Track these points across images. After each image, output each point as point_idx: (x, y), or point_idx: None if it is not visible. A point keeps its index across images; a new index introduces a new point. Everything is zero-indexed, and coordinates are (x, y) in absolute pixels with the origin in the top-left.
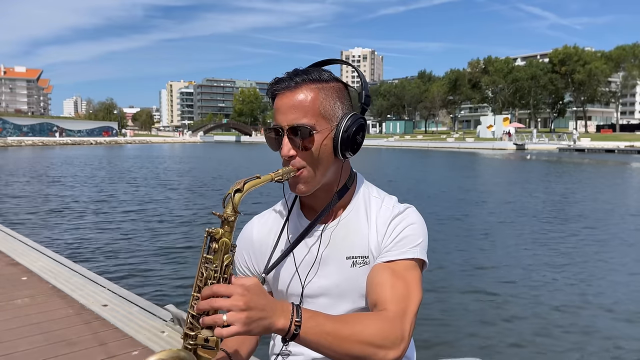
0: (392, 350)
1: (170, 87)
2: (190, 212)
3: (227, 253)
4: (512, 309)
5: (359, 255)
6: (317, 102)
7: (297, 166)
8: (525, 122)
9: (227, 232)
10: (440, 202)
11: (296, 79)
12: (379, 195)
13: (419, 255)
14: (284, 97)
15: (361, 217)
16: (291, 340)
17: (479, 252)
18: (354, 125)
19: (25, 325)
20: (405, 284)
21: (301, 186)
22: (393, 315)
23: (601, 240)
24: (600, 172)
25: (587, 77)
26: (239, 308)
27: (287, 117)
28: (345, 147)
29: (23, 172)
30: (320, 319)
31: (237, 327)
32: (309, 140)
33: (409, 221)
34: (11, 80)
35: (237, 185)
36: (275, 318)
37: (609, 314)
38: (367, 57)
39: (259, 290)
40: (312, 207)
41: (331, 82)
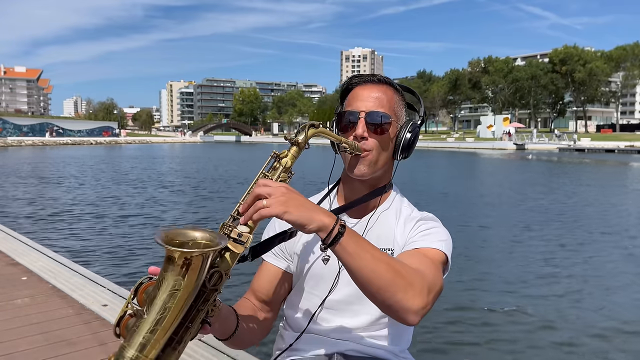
0: (419, 296)
1: (170, 87)
2: (190, 212)
3: (285, 172)
4: (507, 314)
5: (385, 247)
6: (393, 100)
7: (366, 147)
8: (525, 122)
9: (292, 155)
10: (448, 204)
11: (378, 77)
12: (409, 206)
13: (445, 250)
14: (366, 87)
15: (391, 217)
16: (332, 243)
17: (475, 254)
18: (414, 132)
19: (25, 325)
20: (433, 265)
21: (362, 167)
22: (423, 272)
23: (610, 247)
24: (604, 172)
25: (587, 77)
26: (282, 192)
27: (366, 104)
28: (404, 149)
29: (23, 172)
30: (360, 237)
31: (278, 208)
32: (384, 127)
33: (435, 225)
34: (11, 80)
35: (314, 122)
36: (319, 214)
37: (609, 319)
38: (367, 57)
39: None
40: (349, 199)
41: (401, 94)
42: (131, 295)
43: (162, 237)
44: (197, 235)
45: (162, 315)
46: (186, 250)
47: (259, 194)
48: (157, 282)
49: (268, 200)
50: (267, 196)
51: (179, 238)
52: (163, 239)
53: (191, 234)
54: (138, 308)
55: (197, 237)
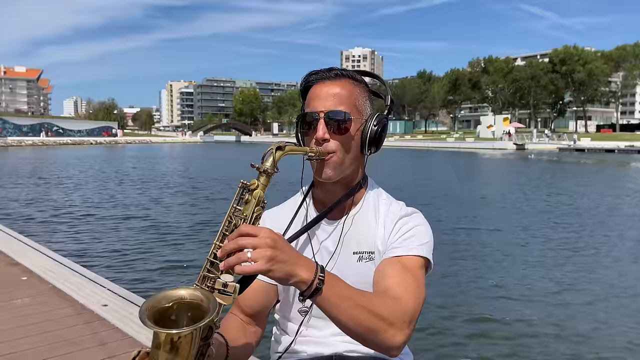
0: (400, 332)
1: (170, 87)
2: (190, 212)
3: (259, 206)
4: (507, 312)
5: (366, 250)
6: (353, 95)
7: (329, 150)
8: (525, 122)
9: (263, 185)
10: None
11: (335, 72)
12: (387, 199)
13: (426, 254)
14: (323, 85)
15: (370, 216)
16: (312, 296)
17: (477, 254)
18: (381, 124)
19: (25, 325)
20: (414, 278)
21: (328, 171)
22: (405, 302)
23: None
24: (607, 173)
25: (587, 77)
26: (267, 245)
27: (324, 104)
28: (372, 143)
29: (23, 172)
30: (341, 282)
31: (260, 264)
32: (345, 126)
33: (416, 223)
34: (11, 80)
35: (279, 144)
36: (300, 268)
37: (611, 316)
38: (367, 57)
39: (284, 240)
40: (324, 203)
41: (363, 84)
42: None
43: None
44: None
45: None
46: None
47: (243, 245)
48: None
49: (253, 253)
50: (252, 248)
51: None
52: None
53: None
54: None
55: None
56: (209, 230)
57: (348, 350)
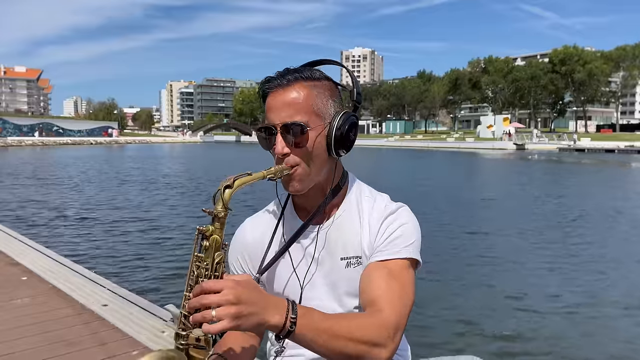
0: (384, 349)
1: (170, 87)
2: (191, 212)
3: (219, 250)
4: (511, 306)
5: (353, 255)
6: (309, 99)
7: (291, 164)
8: (525, 122)
9: (218, 229)
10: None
11: (288, 77)
12: (370, 195)
13: (413, 255)
14: (277, 95)
15: (354, 217)
16: (285, 337)
17: (477, 248)
18: (346, 123)
19: (25, 325)
20: (400, 285)
21: (295, 184)
22: (388, 317)
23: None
24: (608, 173)
25: (587, 77)
26: (229, 302)
27: (279, 115)
28: (339, 145)
29: (23, 172)
30: (315, 316)
31: (226, 323)
32: (303, 137)
33: (402, 221)
34: (11, 80)
35: (227, 181)
36: (269, 314)
37: (613, 314)
38: (367, 57)
39: (251, 285)
40: (304, 208)
41: (323, 81)
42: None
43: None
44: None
45: None
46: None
47: (206, 304)
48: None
49: (218, 312)
50: (216, 305)
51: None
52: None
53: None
54: None
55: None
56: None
57: None
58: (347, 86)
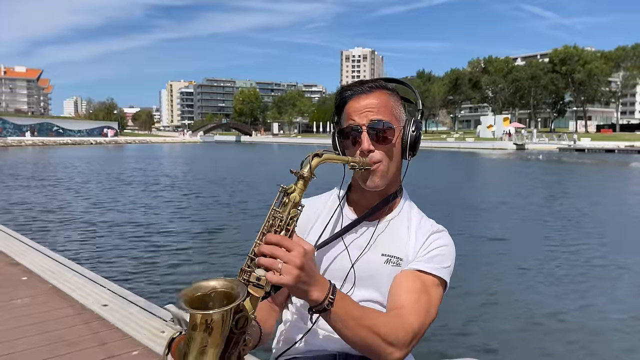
0: (398, 351)
1: (170, 87)
2: (191, 212)
3: (295, 208)
4: (509, 309)
5: (395, 255)
6: (389, 104)
7: (374, 160)
8: (525, 122)
9: (299, 189)
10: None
11: (368, 84)
12: (419, 213)
13: (446, 277)
14: (359, 99)
15: (403, 224)
16: (320, 313)
17: (477, 250)
18: (418, 128)
19: (25, 325)
20: (429, 299)
21: (376, 179)
22: (411, 323)
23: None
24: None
25: (587, 77)
26: (296, 265)
27: (365, 117)
28: (411, 147)
29: (23, 172)
30: (349, 303)
31: (286, 279)
32: (387, 135)
33: (445, 242)
34: (11, 80)
35: (317, 152)
36: (314, 289)
37: (612, 317)
38: (367, 57)
39: (313, 256)
40: (358, 204)
41: (395, 92)
42: (165, 352)
43: (184, 299)
44: (216, 285)
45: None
46: (207, 313)
47: (277, 255)
48: (186, 339)
49: (283, 267)
50: (284, 261)
51: (199, 291)
52: (185, 300)
53: (210, 284)
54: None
55: (217, 285)
56: (210, 230)
57: (352, 349)
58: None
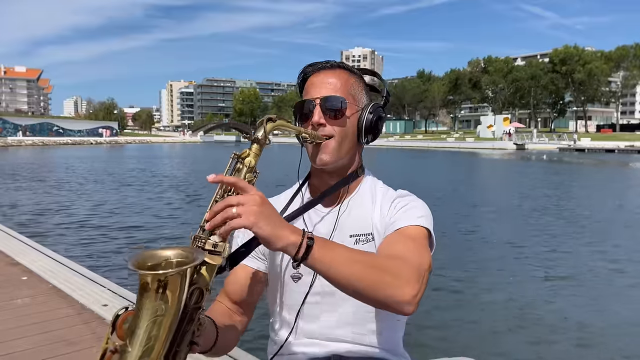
0: (408, 285)
1: (170, 87)
2: (191, 213)
3: (250, 172)
4: (505, 309)
5: (363, 232)
6: (349, 84)
7: (325, 134)
8: (525, 122)
9: (254, 153)
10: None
11: (331, 62)
12: (384, 186)
13: (427, 225)
14: (320, 74)
15: (366, 201)
16: (304, 259)
17: (474, 251)
18: (377, 113)
19: (25, 325)
20: (417, 244)
21: (324, 156)
22: (408, 259)
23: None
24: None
25: (587, 77)
26: (254, 202)
27: (320, 91)
28: (368, 131)
29: (23, 172)
30: (332, 242)
31: (247, 218)
32: (340, 111)
33: (412, 199)
34: (11, 80)
35: (271, 116)
36: (287, 231)
37: (609, 318)
38: (367, 57)
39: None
40: (318, 188)
41: (359, 77)
42: (109, 330)
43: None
44: (169, 254)
45: (147, 345)
46: (160, 272)
47: (230, 202)
48: (135, 311)
49: (239, 208)
50: (238, 204)
51: (151, 261)
52: (134, 264)
53: (163, 253)
54: (119, 343)
55: (170, 255)
56: (181, 245)
57: (347, 350)
58: (379, 91)
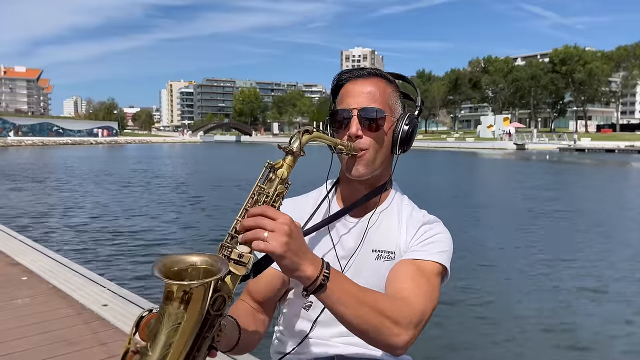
0: (405, 332)
1: (170, 87)
2: (192, 212)
3: (282, 184)
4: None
5: (385, 249)
6: (386, 93)
7: (361, 146)
8: (525, 122)
9: (288, 164)
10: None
11: (367, 70)
12: (410, 204)
13: (444, 262)
14: (356, 83)
15: (393, 218)
16: (315, 292)
17: (476, 251)
18: (412, 124)
19: (25, 325)
20: (428, 283)
21: (360, 168)
22: (413, 303)
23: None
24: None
25: (588, 77)
26: (283, 232)
27: (357, 100)
28: (402, 143)
29: (23, 172)
30: (345, 279)
31: (274, 247)
32: (378, 123)
33: (438, 230)
34: (11, 80)
35: (308, 128)
36: (306, 263)
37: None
38: (367, 57)
39: (301, 232)
40: (348, 200)
41: (394, 84)
42: (132, 331)
43: (159, 268)
44: (196, 260)
45: (167, 350)
46: (185, 283)
47: (262, 225)
48: (158, 316)
49: (270, 235)
50: (270, 230)
51: (177, 266)
52: (160, 270)
53: (190, 259)
54: (141, 344)
55: (197, 262)
56: (212, 228)
57: (351, 353)
58: (413, 99)
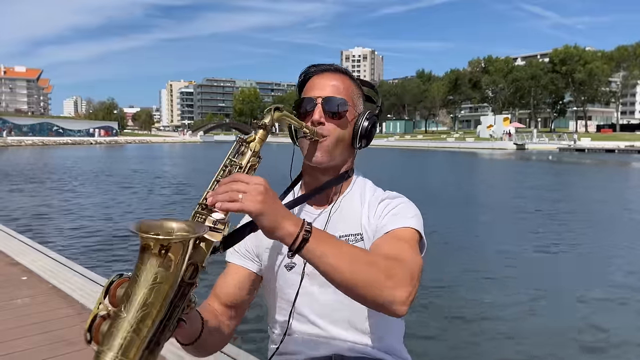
0: (401, 285)
1: (170, 86)
2: None
3: (254, 157)
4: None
5: (352, 233)
6: (350, 88)
7: (323, 133)
8: (525, 122)
9: (260, 138)
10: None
11: (335, 66)
12: (373, 186)
13: (417, 227)
14: (323, 76)
15: (355, 201)
16: (298, 250)
17: (475, 252)
18: (372, 120)
19: (25, 325)
20: (408, 245)
21: (319, 154)
22: (402, 260)
23: None
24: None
25: (588, 77)
26: (258, 191)
27: (323, 91)
28: (362, 137)
29: (22, 172)
30: (328, 235)
31: (251, 206)
32: (341, 112)
33: (400, 201)
34: (11, 80)
35: (278, 105)
36: (286, 221)
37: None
38: (367, 57)
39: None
40: (310, 186)
41: (358, 85)
42: (102, 296)
43: (137, 227)
44: (173, 226)
45: (144, 312)
46: (166, 238)
47: (235, 189)
48: (132, 278)
49: (245, 195)
50: (244, 191)
51: (154, 229)
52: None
53: (167, 224)
54: (112, 309)
55: (174, 227)
56: None
57: (348, 350)
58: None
